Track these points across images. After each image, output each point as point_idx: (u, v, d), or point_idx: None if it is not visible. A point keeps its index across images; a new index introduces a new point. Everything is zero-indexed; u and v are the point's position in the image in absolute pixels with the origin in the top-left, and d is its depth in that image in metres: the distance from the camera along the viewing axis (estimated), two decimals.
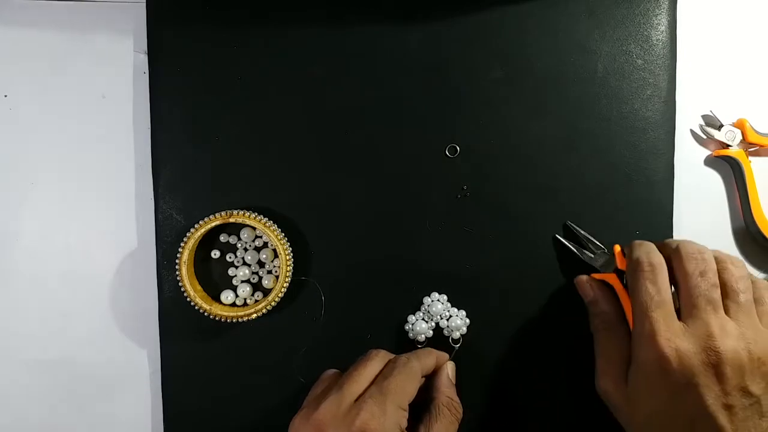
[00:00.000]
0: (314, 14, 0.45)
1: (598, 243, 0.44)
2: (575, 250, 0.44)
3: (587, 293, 0.43)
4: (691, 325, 0.36)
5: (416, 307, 0.45)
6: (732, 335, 0.35)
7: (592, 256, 0.44)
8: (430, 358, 0.42)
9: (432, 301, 0.45)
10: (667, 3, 0.45)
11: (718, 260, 0.38)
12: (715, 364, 0.34)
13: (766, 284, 0.39)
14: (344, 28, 0.45)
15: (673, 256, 0.39)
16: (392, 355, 0.41)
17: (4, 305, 0.47)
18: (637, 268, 0.38)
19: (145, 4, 0.45)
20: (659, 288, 0.37)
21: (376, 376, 0.39)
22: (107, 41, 0.46)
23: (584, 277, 0.44)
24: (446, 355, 0.44)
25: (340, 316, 0.45)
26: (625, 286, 0.41)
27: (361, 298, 0.45)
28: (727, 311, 0.36)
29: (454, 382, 0.43)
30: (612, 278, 0.43)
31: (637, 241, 0.41)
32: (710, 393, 0.34)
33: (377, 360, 0.40)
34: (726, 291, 0.37)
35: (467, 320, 0.45)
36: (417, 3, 0.45)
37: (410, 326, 0.45)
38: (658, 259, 0.39)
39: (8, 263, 0.47)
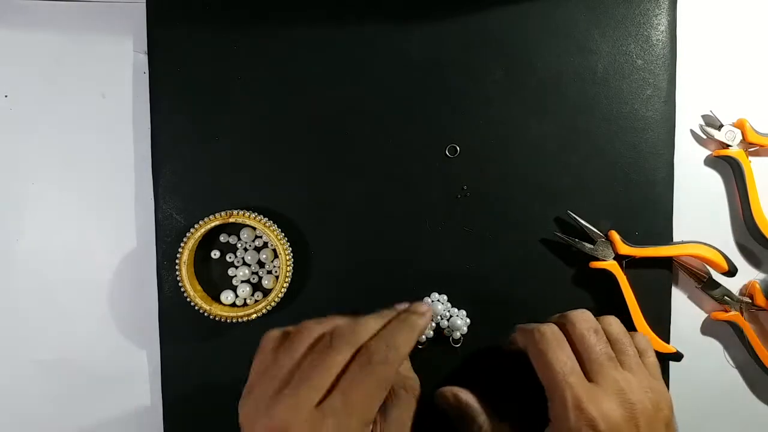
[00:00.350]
0: (314, 14, 0.45)
1: (597, 231, 0.45)
2: (575, 244, 0.44)
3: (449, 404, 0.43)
4: (602, 384, 0.37)
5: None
6: (635, 387, 0.37)
7: (592, 246, 0.44)
8: (408, 340, 0.36)
9: (432, 301, 0.45)
10: (667, 3, 0.45)
11: (600, 319, 0.40)
12: (632, 417, 0.36)
13: (642, 336, 0.41)
14: (344, 28, 0.45)
15: (562, 322, 0.40)
16: (365, 331, 0.35)
17: (4, 305, 0.47)
18: (542, 339, 0.38)
19: (145, 4, 0.45)
20: (567, 354, 0.38)
21: (343, 372, 0.33)
22: (107, 41, 0.46)
23: (444, 391, 0.43)
24: (425, 321, 0.38)
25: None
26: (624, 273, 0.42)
27: (362, 298, 0.45)
28: (621, 365, 0.38)
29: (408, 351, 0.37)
30: (612, 266, 0.44)
31: (521, 324, 0.42)
32: None
33: (344, 349, 0.34)
34: (616, 347, 0.39)
35: (467, 320, 0.45)
36: (417, 3, 0.45)
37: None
38: (555, 328, 0.39)
39: (8, 263, 0.47)
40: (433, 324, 0.45)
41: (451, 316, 0.45)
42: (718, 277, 0.46)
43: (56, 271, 0.47)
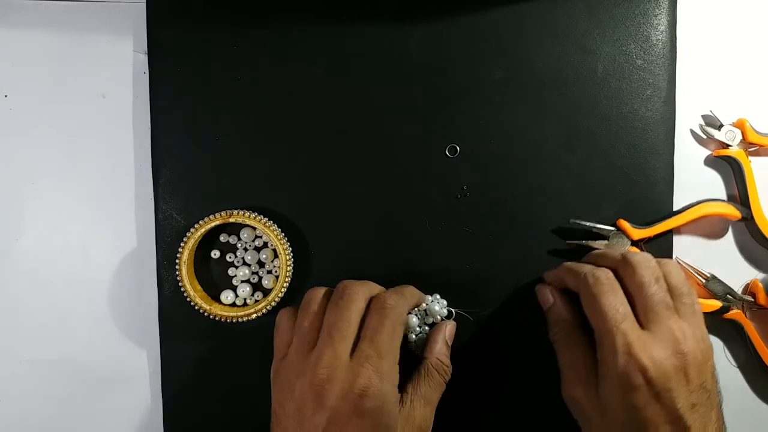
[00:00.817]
0: (314, 14, 0.45)
1: (607, 227, 0.45)
2: (589, 245, 0.44)
3: (547, 300, 0.43)
4: (656, 332, 0.37)
5: None
6: (690, 337, 0.37)
7: (607, 242, 0.44)
8: (414, 298, 0.42)
9: (432, 300, 0.45)
10: (667, 3, 0.45)
11: (661, 264, 0.39)
12: (683, 366, 0.36)
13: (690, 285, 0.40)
14: (344, 28, 0.45)
15: (621, 267, 0.39)
16: (370, 288, 0.40)
17: (4, 305, 0.47)
18: (595, 282, 0.38)
19: (145, 4, 0.45)
20: (621, 300, 0.38)
21: (363, 323, 0.38)
22: (107, 41, 0.46)
23: (544, 285, 0.43)
24: (424, 296, 0.44)
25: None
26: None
27: None
28: (677, 312, 0.38)
29: (449, 343, 0.43)
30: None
31: (570, 263, 0.42)
32: (681, 395, 0.36)
33: (359, 299, 0.39)
34: (674, 294, 0.38)
35: (444, 302, 0.45)
36: (417, 3, 0.45)
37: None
38: (609, 273, 0.39)
39: (8, 263, 0.47)
40: (439, 307, 0.44)
41: (432, 301, 0.45)
42: (719, 275, 0.46)
43: (56, 271, 0.47)
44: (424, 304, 0.44)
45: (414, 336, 0.43)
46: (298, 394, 0.37)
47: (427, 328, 0.44)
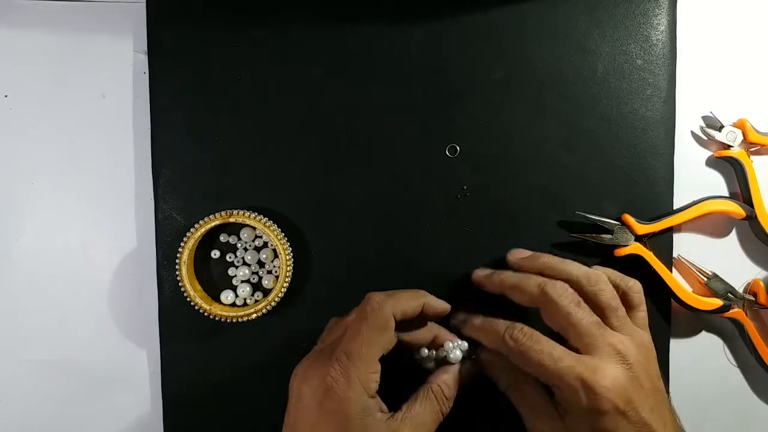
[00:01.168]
0: (314, 14, 0.45)
1: (611, 221, 0.45)
2: (593, 239, 0.44)
3: (491, 365, 0.42)
4: (599, 354, 0.37)
5: None
6: (630, 345, 0.38)
7: (611, 236, 0.44)
8: (412, 300, 0.40)
9: (453, 347, 0.42)
10: (667, 3, 0.45)
11: (586, 283, 0.40)
12: (636, 376, 0.37)
13: (637, 286, 0.41)
14: (344, 28, 0.45)
15: (540, 303, 0.40)
16: (401, 303, 0.39)
17: (4, 305, 0.47)
18: (516, 343, 0.38)
19: (145, 4, 0.45)
20: (549, 344, 0.38)
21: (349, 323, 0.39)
22: (107, 41, 0.46)
23: (484, 354, 0.42)
24: (448, 307, 0.42)
25: (340, 314, 0.45)
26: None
27: (362, 298, 0.45)
28: (612, 327, 0.39)
29: (457, 381, 0.41)
30: (637, 248, 0.44)
31: (479, 322, 0.42)
32: (641, 403, 0.37)
33: (353, 313, 0.40)
34: (606, 312, 0.39)
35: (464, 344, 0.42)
36: (417, 3, 0.45)
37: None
38: (525, 327, 0.39)
39: (8, 263, 0.47)
40: (459, 353, 0.42)
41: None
42: (721, 274, 0.46)
43: (56, 270, 0.47)
44: (444, 350, 0.41)
45: (427, 351, 0.42)
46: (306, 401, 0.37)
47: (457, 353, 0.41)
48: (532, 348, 0.38)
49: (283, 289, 0.43)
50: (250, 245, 0.45)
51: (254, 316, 0.43)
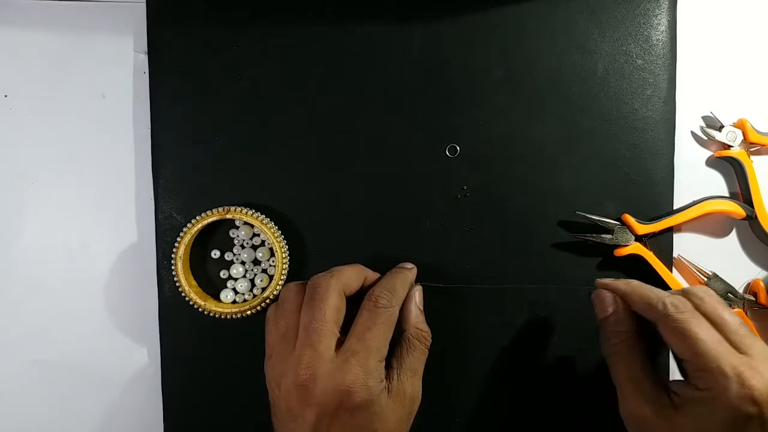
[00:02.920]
0: (314, 14, 0.45)
1: (612, 221, 0.45)
2: (593, 239, 0.44)
3: (606, 307, 0.40)
4: (754, 354, 0.35)
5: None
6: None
7: (611, 236, 0.44)
8: (405, 285, 0.42)
9: None
10: (667, 3, 0.45)
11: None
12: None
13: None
14: (344, 28, 0.45)
15: (688, 297, 0.38)
16: (343, 277, 0.40)
17: (4, 305, 0.47)
18: (679, 311, 0.36)
19: (145, 4, 0.45)
20: (712, 329, 0.36)
21: (357, 323, 0.38)
22: (107, 41, 0.46)
23: (603, 291, 0.41)
24: (413, 275, 0.43)
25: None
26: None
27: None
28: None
29: (421, 308, 0.42)
30: (637, 248, 0.44)
31: (637, 286, 0.40)
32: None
33: (331, 295, 0.38)
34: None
35: None
36: (417, 3, 0.45)
37: None
38: (688, 302, 0.37)
39: (8, 263, 0.47)
40: None
41: None
42: (721, 274, 0.46)
43: (56, 270, 0.47)
44: None
45: None
46: (285, 393, 0.37)
47: None
48: (692, 321, 0.35)
49: (278, 286, 0.43)
50: (247, 243, 0.45)
51: (249, 312, 0.43)
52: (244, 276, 0.45)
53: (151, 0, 0.45)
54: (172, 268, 0.43)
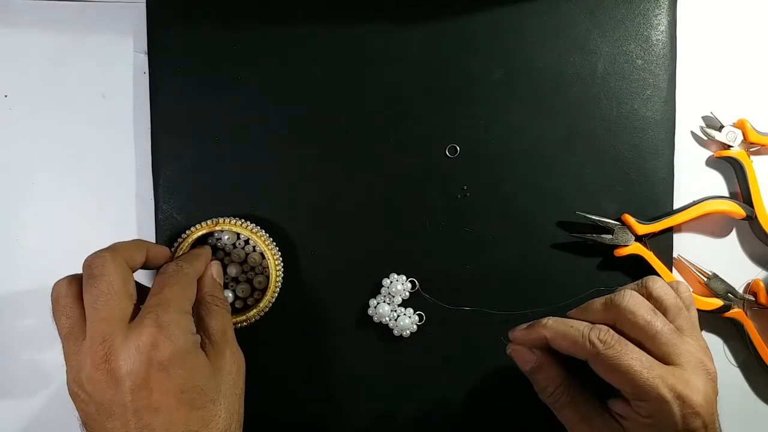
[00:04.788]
0: (314, 14, 0.45)
1: (612, 221, 0.45)
2: (593, 239, 0.44)
3: (528, 360, 0.38)
4: (684, 363, 0.35)
5: (416, 306, 0.45)
6: (703, 350, 0.37)
7: (611, 236, 0.44)
8: (199, 261, 0.41)
9: (391, 282, 0.45)
10: (667, 3, 0.45)
11: (647, 289, 0.37)
12: (714, 384, 0.36)
13: (685, 287, 0.39)
14: (344, 28, 0.45)
15: (613, 315, 0.37)
16: (121, 251, 0.37)
17: (4, 305, 0.47)
18: (605, 346, 0.35)
19: (145, 4, 0.45)
20: (638, 352, 0.35)
21: (152, 287, 0.37)
22: (107, 41, 0.46)
23: (520, 349, 0.39)
24: (209, 254, 0.43)
25: (339, 316, 0.45)
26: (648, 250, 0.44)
27: (361, 299, 0.45)
28: (681, 331, 0.36)
29: (219, 282, 0.41)
30: (637, 248, 0.44)
31: (555, 322, 0.38)
32: (717, 417, 0.35)
33: (111, 266, 0.35)
34: (672, 314, 0.37)
35: (416, 317, 0.45)
36: (417, 3, 0.45)
37: (373, 309, 0.44)
38: (611, 330, 0.36)
39: (8, 263, 0.46)
40: (395, 305, 0.45)
41: (398, 316, 0.45)
42: (721, 274, 0.46)
43: (56, 270, 0.46)
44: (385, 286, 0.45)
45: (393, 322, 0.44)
46: (89, 386, 0.33)
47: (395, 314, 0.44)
48: (622, 353, 0.34)
49: (274, 294, 0.43)
50: (240, 248, 0.45)
51: (244, 324, 0.43)
52: (238, 278, 0.45)
53: (151, 0, 0.45)
54: None
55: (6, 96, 0.46)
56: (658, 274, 0.44)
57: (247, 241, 0.45)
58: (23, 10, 0.46)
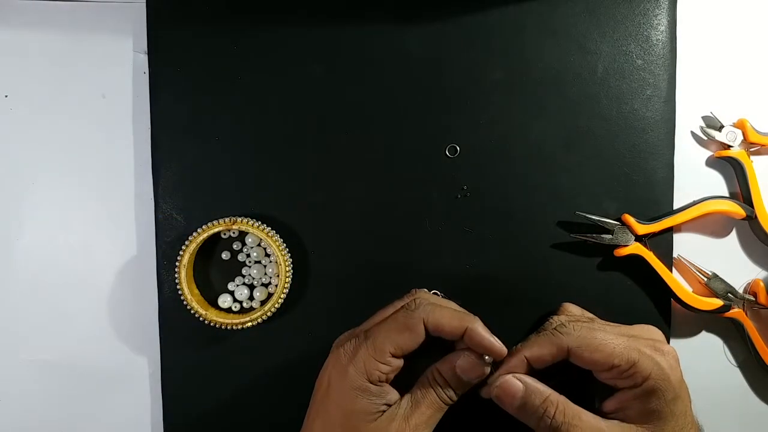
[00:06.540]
0: (314, 14, 0.45)
1: (612, 221, 0.45)
2: (593, 239, 0.44)
3: (513, 399, 0.39)
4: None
5: None
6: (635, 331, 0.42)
7: (611, 236, 0.44)
8: (453, 319, 0.38)
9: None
10: (667, 3, 0.45)
11: (565, 312, 0.44)
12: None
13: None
14: (344, 28, 0.45)
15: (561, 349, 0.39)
16: (422, 298, 0.39)
17: (4, 305, 0.47)
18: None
19: (145, 4, 0.45)
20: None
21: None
22: (107, 41, 0.46)
23: (506, 383, 0.39)
24: (499, 348, 0.39)
25: (339, 317, 0.45)
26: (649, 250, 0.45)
27: (361, 299, 0.45)
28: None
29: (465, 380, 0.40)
30: (637, 248, 0.44)
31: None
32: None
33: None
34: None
35: None
36: (417, 3, 0.45)
37: None
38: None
39: (8, 263, 0.46)
40: None
41: None
42: (721, 274, 0.46)
43: (56, 271, 0.47)
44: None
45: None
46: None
47: None
48: (593, 329, 0.39)
49: (280, 299, 0.43)
50: (253, 250, 0.45)
51: (249, 324, 0.43)
52: (245, 282, 0.45)
53: (151, 0, 0.45)
54: (176, 275, 0.43)
55: (6, 96, 0.46)
56: (658, 274, 0.44)
57: (258, 243, 0.45)
58: (23, 10, 0.46)
